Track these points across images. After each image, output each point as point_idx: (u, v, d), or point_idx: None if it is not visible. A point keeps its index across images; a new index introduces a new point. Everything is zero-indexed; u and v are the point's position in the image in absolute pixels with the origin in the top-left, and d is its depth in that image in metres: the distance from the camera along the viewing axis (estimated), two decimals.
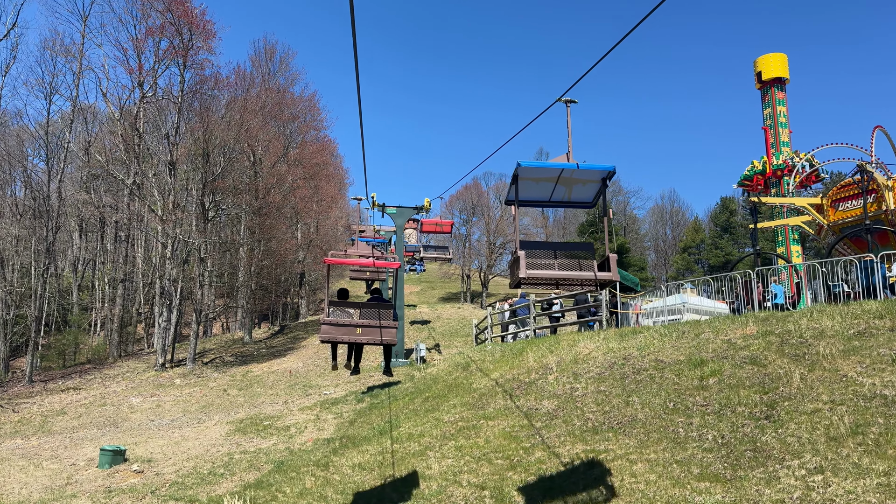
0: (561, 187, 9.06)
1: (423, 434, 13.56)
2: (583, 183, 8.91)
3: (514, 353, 17.35)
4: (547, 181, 8.89)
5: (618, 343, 13.46)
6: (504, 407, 13.06)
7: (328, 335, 11.96)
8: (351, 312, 12.41)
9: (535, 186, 9.05)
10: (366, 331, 12.16)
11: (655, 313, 21.28)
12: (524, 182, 8.85)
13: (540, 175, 8.81)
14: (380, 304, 12.51)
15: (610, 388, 11.57)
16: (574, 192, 9.27)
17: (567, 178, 8.78)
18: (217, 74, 35.95)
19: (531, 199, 9.50)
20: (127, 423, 21.42)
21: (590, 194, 9.27)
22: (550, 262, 8.69)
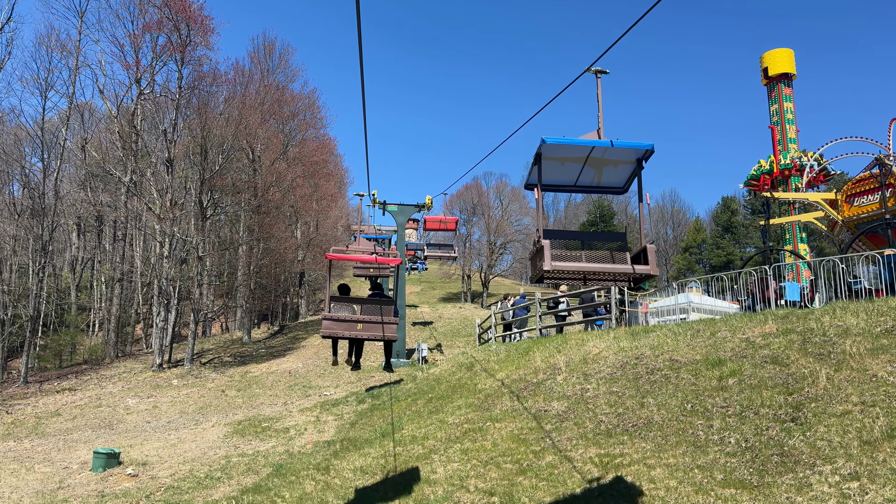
0: (589, 169, 8.20)
1: (426, 436, 13.08)
2: (614, 164, 8.05)
3: (519, 352, 16.88)
4: (574, 161, 8.04)
5: (629, 342, 12.98)
6: (511, 408, 12.58)
7: (329, 330, 11.92)
8: (353, 308, 12.29)
9: (559, 168, 8.19)
10: (367, 326, 12.05)
11: (661, 312, 20.82)
12: (548, 162, 7.94)
13: (567, 154, 7.91)
14: (381, 300, 12.39)
15: (623, 389, 11.10)
16: (604, 175, 8.33)
17: (597, 158, 7.91)
18: (215, 70, 35.51)
19: (555, 182, 8.56)
20: (122, 425, 20.93)
21: (621, 178, 8.40)
22: (577, 254, 7.81)
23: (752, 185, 28.59)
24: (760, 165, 27.85)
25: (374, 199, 27.78)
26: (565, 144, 7.71)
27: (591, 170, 8.21)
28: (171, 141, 31.90)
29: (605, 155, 7.83)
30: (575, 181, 8.53)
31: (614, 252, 7.95)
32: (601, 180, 8.46)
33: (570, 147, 7.78)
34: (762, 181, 27.75)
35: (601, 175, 8.34)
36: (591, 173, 8.30)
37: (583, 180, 8.49)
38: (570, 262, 7.53)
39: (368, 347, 32.24)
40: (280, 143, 45.37)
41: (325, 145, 56.62)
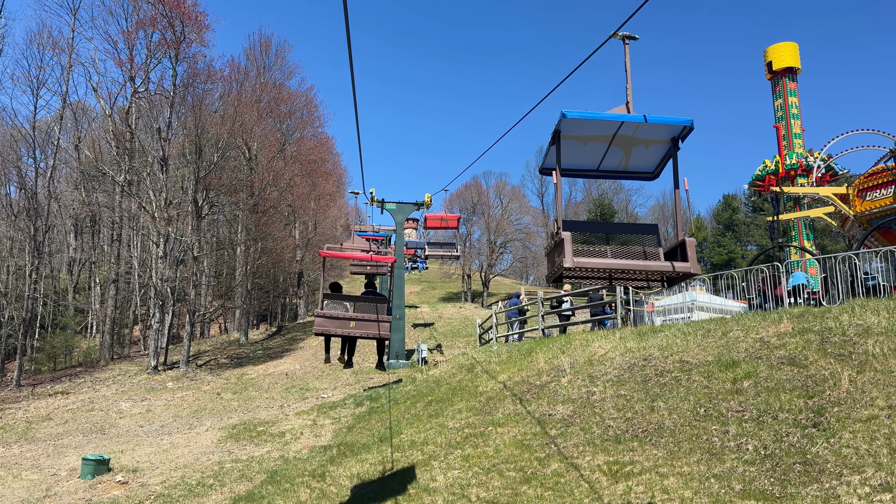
0: (616, 150, 7.09)
1: (426, 441, 12.58)
2: (645, 145, 6.96)
3: (521, 353, 16.37)
4: (598, 141, 6.93)
5: (636, 343, 12.47)
6: (514, 412, 12.08)
7: (322, 328, 11.96)
8: (346, 306, 12.39)
9: (581, 149, 7.09)
10: (359, 324, 12.07)
11: (664, 312, 20.32)
12: (568, 143, 6.84)
13: (590, 132, 6.78)
14: (374, 298, 12.39)
15: (631, 392, 10.59)
16: (633, 158, 7.16)
17: (626, 136, 6.82)
18: (210, 66, 34.94)
19: (575, 166, 7.39)
20: (114, 430, 20.42)
21: (652, 160, 7.30)
22: (602, 249, 6.82)
23: (757, 186, 28.04)
24: (765, 165, 27.29)
25: (372, 197, 27.26)
26: (589, 120, 6.53)
27: (618, 151, 7.14)
28: (166, 139, 31.39)
29: (636, 133, 6.78)
30: (598, 165, 7.41)
31: (645, 247, 6.98)
32: (629, 163, 7.36)
33: (595, 123, 6.66)
34: (767, 181, 27.19)
35: (629, 157, 7.23)
36: (618, 155, 7.23)
37: (608, 164, 7.39)
38: (594, 259, 6.51)
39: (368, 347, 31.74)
40: (277, 141, 44.84)
41: (323, 143, 56.10)
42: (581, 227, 7.42)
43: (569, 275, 6.61)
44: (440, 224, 32.88)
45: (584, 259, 6.36)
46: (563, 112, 6.27)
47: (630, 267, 6.46)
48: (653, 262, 6.56)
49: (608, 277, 6.85)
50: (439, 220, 32.28)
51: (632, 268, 6.48)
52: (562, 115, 6.27)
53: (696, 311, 19.82)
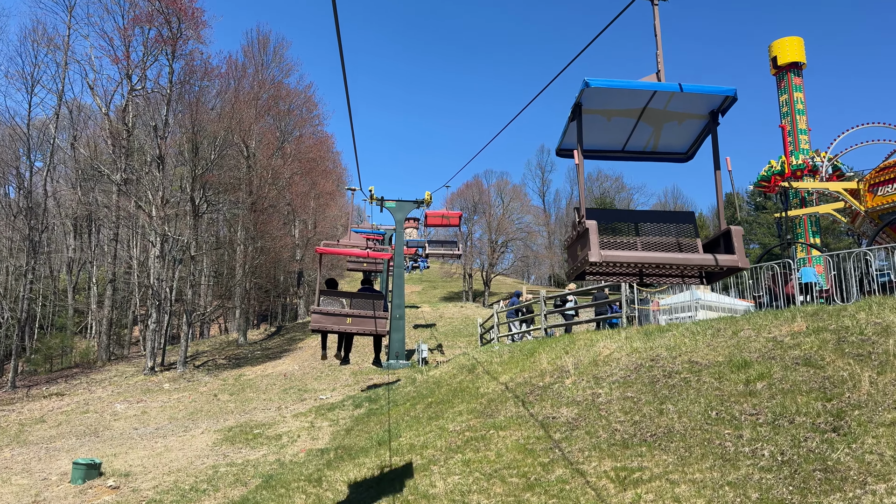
0: (645, 127, 6.24)
1: (425, 445, 12.17)
2: (679, 120, 6.12)
3: (524, 354, 15.96)
4: (625, 116, 6.11)
5: (643, 342, 12.05)
6: (516, 415, 11.66)
7: (318, 324, 11.96)
8: (342, 302, 12.35)
9: (604, 126, 6.23)
10: (356, 320, 12.08)
11: (669, 311, 19.91)
12: (590, 118, 6.01)
13: (616, 104, 5.92)
14: (370, 295, 12.37)
15: (638, 395, 10.17)
16: (664, 136, 6.30)
17: (657, 110, 5.97)
18: (207, 63, 34.51)
19: (597, 146, 6.51)
20: (108, 432, 20.02)
21: (686, 139, 6.44)
22: (631, 241, 5.95)
23: (763, 187, 27.62)
24: (771, 166, 26.90)
25: (371, 195, 26.84)
26: (616, 89, 5.65)
27: (647, 128, 6.28)
28: (162, 137, 30.99)
29: (669, 105, 5.90)
30: (624, 144, 6.53)
31: (680, 238, 6.06)
32: (659, 142, 6.49)
33: (622, 93, 5.77)
34: (773, 182, 26.80)
35: (659, 135, 6.35)
36: (647, 133, 6.36)
37: (635, 143, 6.51)
38: (623, 252, 5.55)
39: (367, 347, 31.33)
40: (275, 139, 44.40)
41: (322, 142, 55.66)
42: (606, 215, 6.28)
43: (594, 271, 5.80)
44: (441, 221, 31.93)
45: (613, 252, 5.45)
46: (585, 80, 5.41)
47: (666, 261, 5.55)
48: (693, 255, 5.68)
49: (638, 273, 5.99)
50: (440, 218, 31.40)
51: (668, 262, 5.57)
52: (584, 84, 5.42)
53: (700, 310, 19.42)
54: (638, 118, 6.14)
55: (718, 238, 5.82)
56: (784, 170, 26.24)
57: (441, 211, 32.02)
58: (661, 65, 5.97)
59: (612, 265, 5.64)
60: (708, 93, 5.64)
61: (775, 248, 23.18)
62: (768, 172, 27.01)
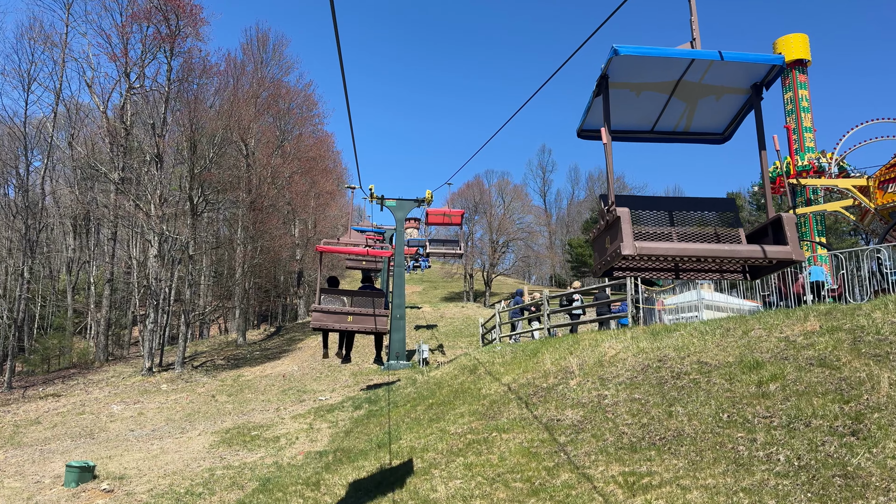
0: (678, 103, 5.60)
1: (426, 448, 11.87)
2: (717, 94, 5.48)
3: (526, 354, 15.65)
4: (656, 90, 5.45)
5: (649, 343, 11.74)
6: (519, 417, 11.35)
7: (320, 322, 11.95)
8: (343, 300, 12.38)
9: (632, 102, 5.57)
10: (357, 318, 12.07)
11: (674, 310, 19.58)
12: (617, 92, 5.36)
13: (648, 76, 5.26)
14: (371, 293, 12.36)
15: (646, 396, 9.85)
16: (698, 114, 5.66)
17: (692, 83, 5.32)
18: (205, 60, 34.15)
19: (623, 127, 5.84)
20: (104, 434, 19.72)
21: (723, 117, 5.79)
22: (666, 231, 5.32)
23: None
24: (776, 167, 26.58)
25: (371, 193, 26.53)
26: (649, 58, 4.97)
27: (680, 105, 5.62)
28: (160, 135, 30.67)
29: (706, 77, 5.25)
30: (653, 124, 5.89)
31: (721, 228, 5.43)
32: (692, 122, 5.83)
33: (656, 63, 5.07)
34: (778, 183, 26.48)
35: (693, 113, 5.67)
36: (679, 110, 5.70)
37: (665, 122, 5.86)
38: (659, 243, 4.80)
39: (368, 348, 31.03)
40: (275, 138, 44.06)
41: (322, 140, 55.29)
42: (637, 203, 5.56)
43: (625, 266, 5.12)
44: (443, 220, 30.58)
45: (648, 244, 4.71)
46: (614, 48, 4.75)
47: (708, 253, 4.79)
48: (739, 247, 4.88)
49: (674, 268, 5.36)
50: (442, 216, 30.15)
51: (711, 254, 4.80)
52: (613, 52, 4.77)
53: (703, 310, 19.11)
54: (671, 93, 5.50)
55: (765, 227, 5.21)
56: (789, 170, 25.90)
57: (442, 209, 30.49)
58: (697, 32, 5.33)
59: (646, 259, 4.99)
60: (752, 62, 4.98)
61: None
62: (773, 173, 26.62)
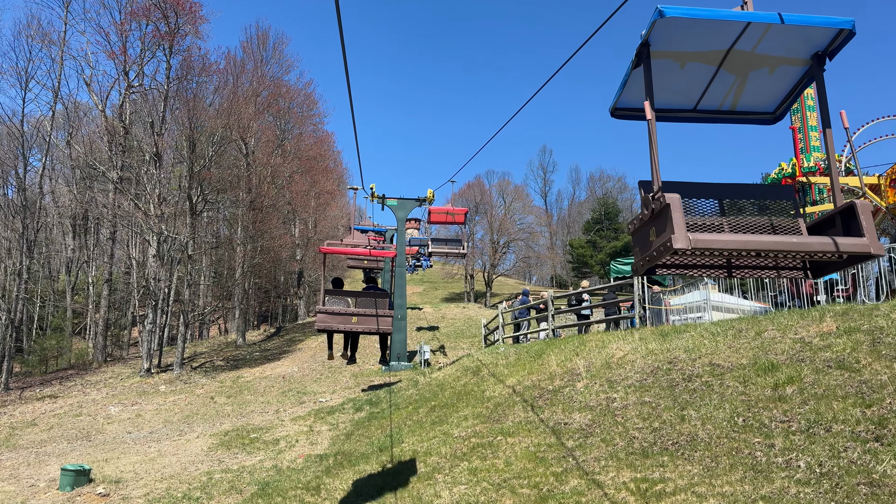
0: (726, 76, 4.96)
1: (429, 452, 11.56)
2: (770, 67, 4.82)
3: (531, 355, 15.34)
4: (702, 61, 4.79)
5: (659, 344, 11.43)
6: (525, 420, 11.05)
7: (324, 324, 11.99)
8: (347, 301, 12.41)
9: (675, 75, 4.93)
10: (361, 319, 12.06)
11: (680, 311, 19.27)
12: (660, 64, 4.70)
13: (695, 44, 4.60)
14: (375, 293, 12.39)
15: (657, 399, 9.55)
16: (748, 89, 5.05)
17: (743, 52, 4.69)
18: (205, 58, 33.80)
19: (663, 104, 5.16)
20: (101, 436, 19.41)
21: (775, 94, 5.16)
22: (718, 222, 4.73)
23: None
24: (781, 168, 26.26)
25: (372, 193, 26.22)
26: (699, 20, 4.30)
27: (728, 78, 4.99)
28: (159, 134, 30.34)
29: (760, 45, 4.59)
30: (696, 102, 5.27)
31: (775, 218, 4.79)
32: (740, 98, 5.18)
33: (707, 27, 4.44)
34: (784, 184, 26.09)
35: (742, 88, 5.03)
36: (727, 85, 5.05)
37: (710, 100, 5.24)
38: (716, 235, 4.13)
39: (369, 349, 30.74)
40: (275, 137, 43.72)
41: (323, 140, 54.94)
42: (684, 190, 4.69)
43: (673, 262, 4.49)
44: (446, 219, 29.52)
45: (706, 237, 4.02)
46: (659, 9, 4.14)
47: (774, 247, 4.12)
48: (809, 240, 4.21)
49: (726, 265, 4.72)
50: (445, 215, 29.15)
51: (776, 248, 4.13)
52: (657, 14, 4.15)
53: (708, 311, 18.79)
54: (719, 64, 4.86)
55: (832, 217, 4.56)
56: (795, 172, 25.60)
57: (445, 207, 29.52)
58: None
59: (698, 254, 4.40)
60: (816, 25, 4.33)
61: None
62: (778, 175, 26.34)
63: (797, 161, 25.68)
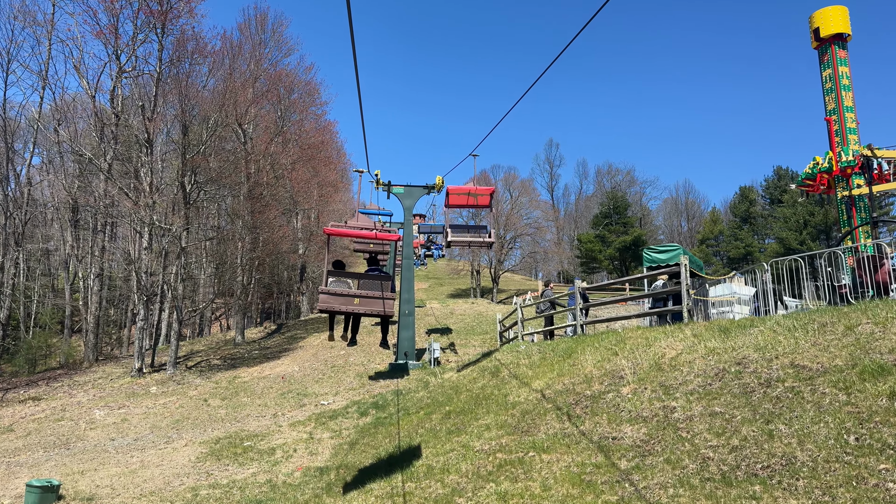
0: None
1: (447, 468, 9.83)
2: None
3: (558, 354, 13.57)
4: None
5: (720, 341, 9.65)
6: (561, 432, 9.30)
7: (326, 305, 11.92)
8: (349, 283, 12.33)
9: None
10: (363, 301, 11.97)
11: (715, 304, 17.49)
12: None
13: None
14: (377, 276, 12.23)
15: (730, 410, 7.79)
16: None
17: None
18: (198, 37, 31.81)
19: None
20: (81, 444, 17.70)
21: None
22: None
23: (807, 186, 25.02)
24: (816, 163, 24.32)
25: (377, 179, 24.47)
26: None
27: None
28: (150, 118, 28.54)
29: None
30: None
31: None
32: None
33: None
34: (818, 180, 24.27)
35: None
36: None
37: None
38: None
39: (374, 347, 29.01)
40: (274, 124, 41.77)
41: (325, 127, 52.80)
42: None
43: None
44: (467, 201, 23.61)
45: None
46: None
47: None
48: None
49: None
50: (466, 196, 23.12)
51: None
52: None
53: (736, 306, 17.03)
54: None
55: None
56: (832, 167, 23.74)
57: (467, 186, 23.10)
58: None
59: None
60: None
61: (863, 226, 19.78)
62: (813, 170, 24.41)
63: (833, 155, 23.79)
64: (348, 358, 27.10)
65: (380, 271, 13.26)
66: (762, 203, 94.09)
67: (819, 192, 24.43)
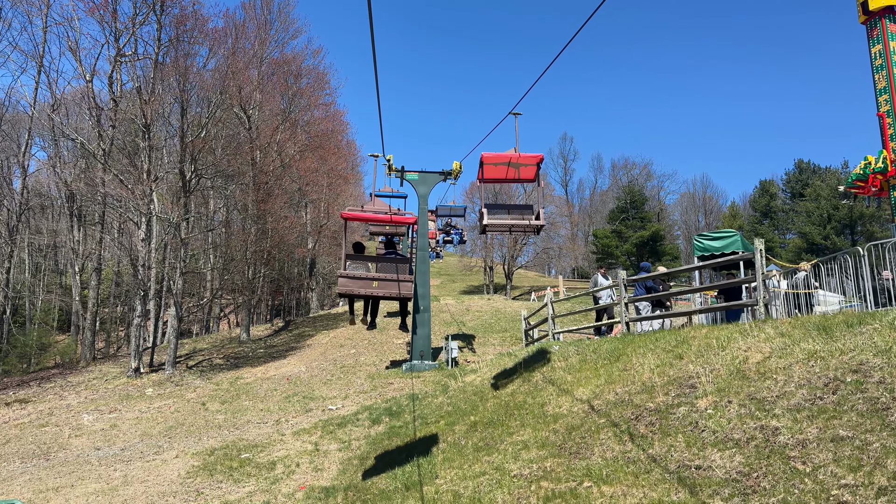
0: None
1: (478, 497, 8.02)
2: None
3: (602, 357, 11.71)
4: None
5: (822, 343, 7.76)
6: (623, 456, 7.45)
7: (345, 288, 12.02)
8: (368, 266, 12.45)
9: None
10: (382, 284, 12.03)
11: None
12: None
13: None
14: (395, 259, 12.28)
15: (860, 434, 5.91)
16: None
17: None
18: (198, 14, 29.92)
19: None
20: (62, 454, 16.00)
21: None
22: None
23: (857, 188, 22.93)
24: (868, 162, 22.19)
25: (389, 165, 22.69)
26: None
27: None
28: (146, 102, 26.78)
29: None
30: None
31: None
32: None
33: None
34: (870, 182, 22.18)
35: None
36: None
37: None
38: None
39: (385, 346, 27.28)
40: (280, 110, 39.89)
41: (334, 115, 50.76)
42: None
43: None
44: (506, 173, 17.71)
45: None
46: None
47: None
48: None
49: None
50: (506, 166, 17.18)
51: None
52: None
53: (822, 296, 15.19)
54: None
55: None
56: (887, 167, 21.64)
57: (508, 153, 16.67)
58: None
59: None
60: None
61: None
62: (864, 171, 22.26)
63: (888, 153, 21.66)
64: (358, 357, 25.38)
65: (397, 254, 13.06)
66: (783, 197, 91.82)
67: (870, 193, 22.41)
